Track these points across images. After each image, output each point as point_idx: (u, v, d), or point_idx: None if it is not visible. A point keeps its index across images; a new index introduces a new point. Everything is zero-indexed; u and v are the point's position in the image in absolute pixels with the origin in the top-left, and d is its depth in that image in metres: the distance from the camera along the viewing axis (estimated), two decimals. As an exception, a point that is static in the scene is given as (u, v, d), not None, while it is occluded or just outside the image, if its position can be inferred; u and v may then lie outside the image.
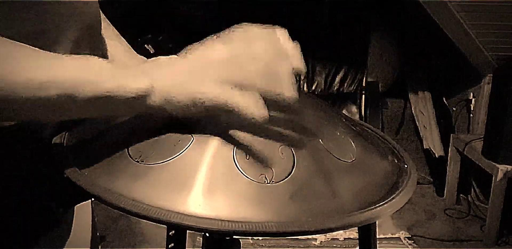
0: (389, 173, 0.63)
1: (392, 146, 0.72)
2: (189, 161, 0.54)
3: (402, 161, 0.68)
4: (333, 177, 0.57)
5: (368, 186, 0.59)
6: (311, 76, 3.24)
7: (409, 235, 2.49)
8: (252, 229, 0.49)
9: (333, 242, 2.41)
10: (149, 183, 0.53)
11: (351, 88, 3.19)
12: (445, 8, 2.32)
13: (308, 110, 0.64)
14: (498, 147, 2.30)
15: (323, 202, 0.54)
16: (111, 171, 0.55)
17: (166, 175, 0.53)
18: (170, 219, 0.49)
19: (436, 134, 3.09)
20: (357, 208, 0.54)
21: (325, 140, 0.60)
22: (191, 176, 0.53)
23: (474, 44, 2.52)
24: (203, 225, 0.49)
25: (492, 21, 2.37)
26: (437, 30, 2.50)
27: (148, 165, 0.54)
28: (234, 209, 0.51)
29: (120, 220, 2.48)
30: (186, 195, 0.51)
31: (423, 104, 3.19)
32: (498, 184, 2.29)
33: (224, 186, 0.52)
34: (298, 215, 0.51)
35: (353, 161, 0.60)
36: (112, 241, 2.36)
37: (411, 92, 3.24)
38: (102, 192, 0.52)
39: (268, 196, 0.52)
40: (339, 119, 0.68)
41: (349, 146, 0.62)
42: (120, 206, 0.50)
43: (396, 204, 0.57)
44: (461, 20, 2.38)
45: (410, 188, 0.60)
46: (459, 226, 2.61)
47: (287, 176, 0.54)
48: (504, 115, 2.27)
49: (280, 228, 0.49)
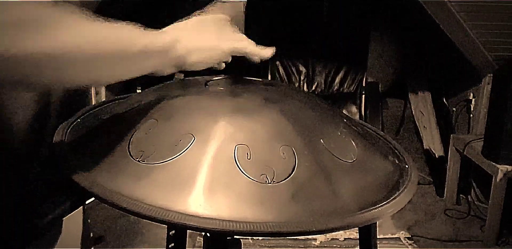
0: (390, 173, 0.63)
1: (393, 146, 0.72)
2: (190, 161, 0.54)
3: (403, 161, 0.68)
4: (334, 177, 0.57)
5: (369, 186, 0.59)
6: (311, 76, 3.24)
7: (409, 235, 2.49)
8: (253, 229, 0.49)
9: (333, 242, 2.41)
10: (150, 182, 0.52)
11: (351, 88, 3.19)
12: (445, 8, 2.32)
13: (309, 110, 0.64)
14: (498, 147, 2.30)
15: (324, 202, 0.54)
16: (112, 171, 0.55)
17: (167, 174, 0.53)
18: (171, 218, 0.49)
19: (436, 134, 3.09)
20: (358, 208, 0.54)
21: (326, 140, 0.60)
22: (192, 176, 0.53)
23: (474, 44, 2.52)
24: (204, 225, 0.49)
25: (492, 21, 2.37)
26: (437, 30, 2.49)
27: (149, 165, 0.54)
28: (235, 209, 0.51)
29: (120, 220, 2.47)
30: (187, 194, 0.51)
31: (423, 105, 3.18)
32: (498, 184, 2.29)
33: (225, 186, 0.52)
34: (299, 215, 0.51)
35: (354, 161, 0.60)
36: (112, 241, 2.35)
37: (411, 92, 3.24)
38: (103, 192, 0.52)
39: (269, 196, 0.52)
40: (340, 120, 0.68)
41: (350, 146, 0.62)
42: (121, 205, 0.50)
43: (397, 204, 0.57)
44: (461, 20, 2.38)
45: (411, 188, 0.60)
46: (459, 226, 2.60)
47: (288, 176, 0.54)
48: (504, 115, 2.27)
49: (281, 228, 0.49)
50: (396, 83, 3.34)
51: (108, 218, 2.46)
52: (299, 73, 3.24)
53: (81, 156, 0.59)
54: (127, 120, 0.62)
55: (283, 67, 3.23)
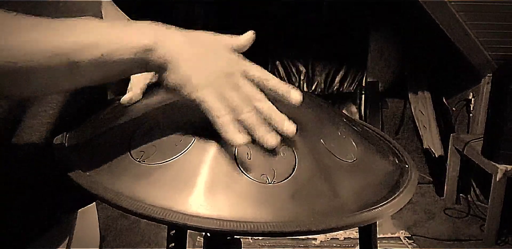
0: (390, 173, 0.63)
1: (393, 145, 0.72)
2: (190, 161, 0.54)
3: (403, 161, 0.68)
4: (334, 177, 0.57)
5: (369, 186, 0.59)
6: (311, 76, 3.24)
7: (409, 234, 2.49)
8: (254, 229, 0.49)
9: (333, 241, 2.41)
10: (151, 183, 0.53)
11: (351, 88, 3.19)
12: (445, 8, 2.32)
13: (309, 110, 0.64)
14: (497, 147, 2.30)
15: (324, 202, 0.54)
16: (113, 171, 0.55)
17: (167, 174, 0.53)
18: (171, 218, 0.49)
19: (435, 134, 3.09)
20: (358, 208, 0.54)
21: (326, 140, 0.60)
22: (192, 176, 0.53)
23: (474, 44, 2.52)
24: (204, 225, 0.49)
25: (492, 21, 2.37)
26: (437, 30, 2.50)
27: (150, 165, 0.54)
28: (236, 209, 0.51)
29: (120, 220, 2.47)
30: (187, 194, 0.51)
31: (423, 104, 3.18)
32: (498, 183, 2.29)
33: (226, 186, 0.52)
34: (299, 215, 0.51)
35: (354, 161, 0.60)
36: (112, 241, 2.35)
37: (411, 92, 3.24)
38: (104, 192, 0.52)
39: (269, 196, 0.52)
40: (340, 119, 0.68)
41: (350, 145, 0.62)
42: (122, 206, 0.50)
43: (397, 204, 0.57)
44: (461, 20, 2.38)
45: (410, 188, 0.60)
46: (459, 225, 2.61)
47: (288, 176, 0.54)
48: (503, 115, 2.27)
49: (281, 227, 0.50)
50: (396, 83, 3.34)
51: (108, 218, 2.46)
52: (298, 73, 3.24)
53: (82, 156, 0.59)
54: (127, 121, 0.62)
55: (283, 67, 3.23)
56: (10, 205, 0.61)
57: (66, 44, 0.48)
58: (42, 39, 0.48)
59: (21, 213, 0.63)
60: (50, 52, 0.47)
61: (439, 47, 3.06)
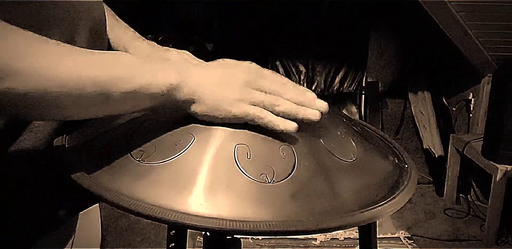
0: (390, 172, 0.63)
1: (393, 145, 0.72)
2: (190, 160, 0.54)
3: (403, 160, 0.68)
4: (333, 177, 0.57)
5: (369, 185, 0.59)
6: (311, 76, 3.24)
7: (409, 234, 2.49)
8: (253, 228, 0.49)
9: (333, 241, 2.41)
10: (151, 182, 0.53)
11: (351, 88, 3.19)
12: (445, 8, 2.32)
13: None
14: (497, 147, 2.30)
15: (323, 202, 0.54)
16: (113, 171, 0.55)
17: (167, 174, 0.53)
18: (171, 218, 0.49)
19: (435, 134, 3.09)
20: (357, 207, 0.54)
21: (326, 140, 0.60)
22: (192, 175, 0.53)
23: (474, 44, 2.52)
24: (204, 224, 0.49)
25: (492, 21, 2.37)
26: (437, 30, 2.50)
27: (149, 164, 0.54)
28: (235, 209, 0.51)
29: (120, 219, 2.47)
30: (187, 194, 0.51)
31: (423, 104, 3.18)
32: (498, 183, 2.29)
33: (225, 185, 0.52)
34: (299, 215, 0.52)
35: (353, 161, 0.60)
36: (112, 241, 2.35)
37: (411, 92, 3.24)
38: (104, 192, 0.52)
39: (269, 196, 0.52)
40: (339, 119, 0.68)
41: (350, 145, 0.62)
42: (121, 205, 0.50)
43: (396, 203, 0.57)
44: (461, 20, 2.38)
45: (410, 188, 0.60)
46: (459, 225, 2.61)
47: (288, 175, 0.54)
48: (503, 115, 2.27)
49: (281, 227, 0.50)
50: (396, 83, 3.34)
51: (108, 218, 2.46)
52: (299, 73, 3.24)
53: (82, 157, 0.59)
54: (127, 121, 0.62)
55: (283, 67, 3.23)
56: (11, 205, 0.61)
57: (103, 75, 0.50)
58: (78, 67, 0.49)
59: (22, 214, 0.63)
60: (84, 81, 0.49)
61: (439, 47, 3.06)
